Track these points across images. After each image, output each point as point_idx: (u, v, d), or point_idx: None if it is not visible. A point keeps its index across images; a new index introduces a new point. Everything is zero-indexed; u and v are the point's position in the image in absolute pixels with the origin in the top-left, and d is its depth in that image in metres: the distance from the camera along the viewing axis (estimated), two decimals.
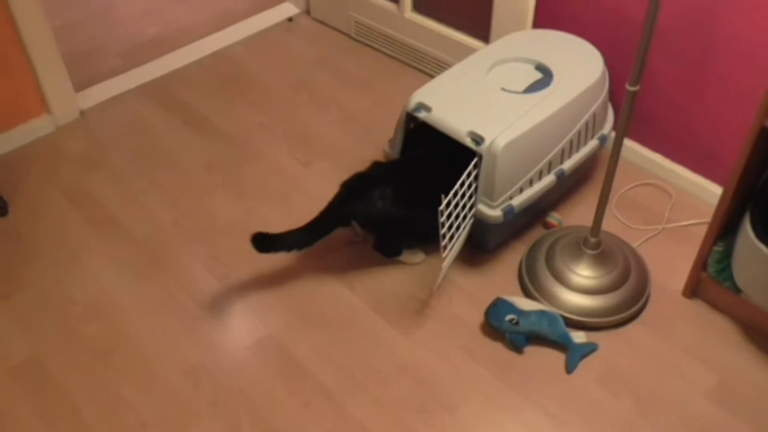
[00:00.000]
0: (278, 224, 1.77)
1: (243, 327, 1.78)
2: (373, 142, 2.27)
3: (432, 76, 2.51)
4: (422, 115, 1.78)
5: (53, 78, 2.30)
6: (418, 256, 1.90)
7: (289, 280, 1.88)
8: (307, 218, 1.77)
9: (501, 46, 1.96)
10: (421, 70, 2.56)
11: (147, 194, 2.13)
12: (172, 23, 2.87)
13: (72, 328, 1.78)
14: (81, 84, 2.52)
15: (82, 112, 2.42)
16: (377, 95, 2.47)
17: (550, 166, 1.81)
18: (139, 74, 2.58)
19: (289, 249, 1.75)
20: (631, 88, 1.45)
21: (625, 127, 1.52)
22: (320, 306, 1.82)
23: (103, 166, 2.23)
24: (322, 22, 2.81)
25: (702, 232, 1.96)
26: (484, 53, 1.94)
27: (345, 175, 1.80)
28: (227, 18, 2.88)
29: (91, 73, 2.60)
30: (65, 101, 2.36)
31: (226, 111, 2.42)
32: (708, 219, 1.97)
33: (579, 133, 1.84)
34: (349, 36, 2.73)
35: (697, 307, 1.79)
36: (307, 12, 2.86)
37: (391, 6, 2.50)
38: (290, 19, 2.83)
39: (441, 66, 2.46)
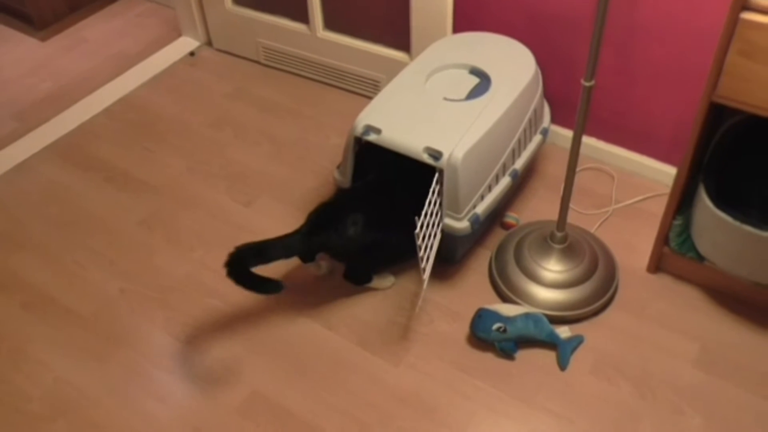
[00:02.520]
0: None
1: (224, 388, 1.67)
2: (312, 170, 2.20)
3: (355, 93, 2.47)
4: (373, 137, 1.73)
5: None
6: (388, 280, 1.85)
7: (261, 327, 1.78)
8: None
9: (431, 55, 1.94)
10: (342, 89, 2.50)
11: (83, 265, 1.96)
12: (63, 75, 2.67)
13: (36, 429, 1.61)
14: None
15: None
16: (304, 120, 2.39)
17: (504, 168, 1.82)
18: (42, 135, 2.38)
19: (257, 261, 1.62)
20: (587, 84, 1.46)
21: (583, 122, 1.54)
22: (300, 350, 1.74)
23: (24, 243, 2.03)
24: (227, 52, 2.69)
25: (649, 207, 2.04)
26: (416, 65, 1.91)
27: (291, 209, 1.72)
28: (123, 61, 2.71)
29: None
30: None
31: (148, 160, 2.27)
32: (651, 194, 2.06)
33: (525, 131, 1.86)
34: (258, 63, 2.63)
35: (663, 280, 1.85)
36: (209, 44, 2.73)
37: (302, 27, 2.43)
38: (192, 54, 2.70)
39: (363, 81, 2.42)
